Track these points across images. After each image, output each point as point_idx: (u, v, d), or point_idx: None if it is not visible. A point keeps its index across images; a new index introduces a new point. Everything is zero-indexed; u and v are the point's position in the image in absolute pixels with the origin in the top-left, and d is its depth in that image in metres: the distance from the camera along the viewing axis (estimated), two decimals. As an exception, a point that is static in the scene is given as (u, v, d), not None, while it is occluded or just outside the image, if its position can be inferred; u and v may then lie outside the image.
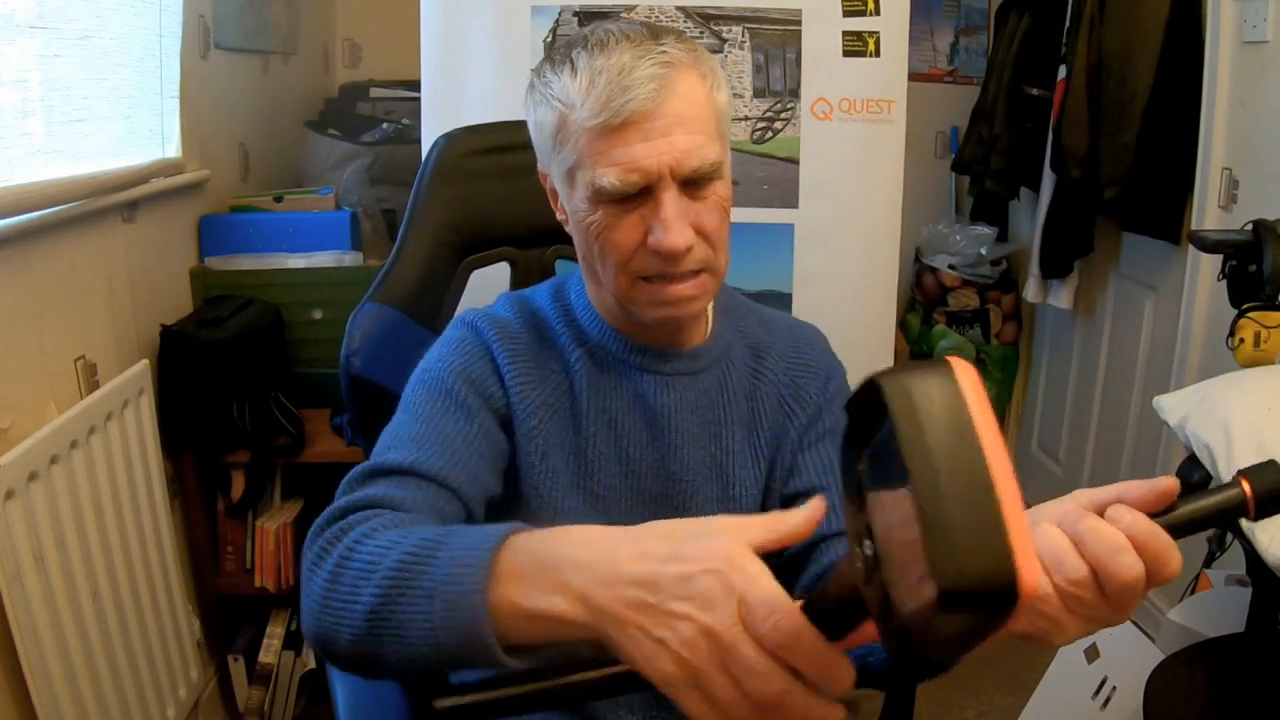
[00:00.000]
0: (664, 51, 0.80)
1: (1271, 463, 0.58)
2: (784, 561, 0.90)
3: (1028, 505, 0.47)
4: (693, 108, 0.81)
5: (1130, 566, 0.54)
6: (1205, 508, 0.57)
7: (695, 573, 0.51)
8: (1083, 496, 0.59)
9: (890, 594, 0.39)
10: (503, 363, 0.90)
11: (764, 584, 0.50)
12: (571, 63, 0.82)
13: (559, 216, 0.92)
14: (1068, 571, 0.55)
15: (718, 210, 0.84)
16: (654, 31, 0.83)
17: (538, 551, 0.57)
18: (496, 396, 0.89)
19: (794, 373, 0.98)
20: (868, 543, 0.42)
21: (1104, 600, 0.55)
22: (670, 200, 0.81)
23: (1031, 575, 0.36)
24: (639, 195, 0.81)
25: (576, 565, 0.55)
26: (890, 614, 0.39)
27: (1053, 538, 0.56)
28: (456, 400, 0.86)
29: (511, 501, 0.90)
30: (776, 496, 0.96)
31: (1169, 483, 0.58)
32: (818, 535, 0.86)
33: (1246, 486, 0.57)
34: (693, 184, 0.82)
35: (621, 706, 0.91)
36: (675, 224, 0.80)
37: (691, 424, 0.93)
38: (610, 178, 0.80)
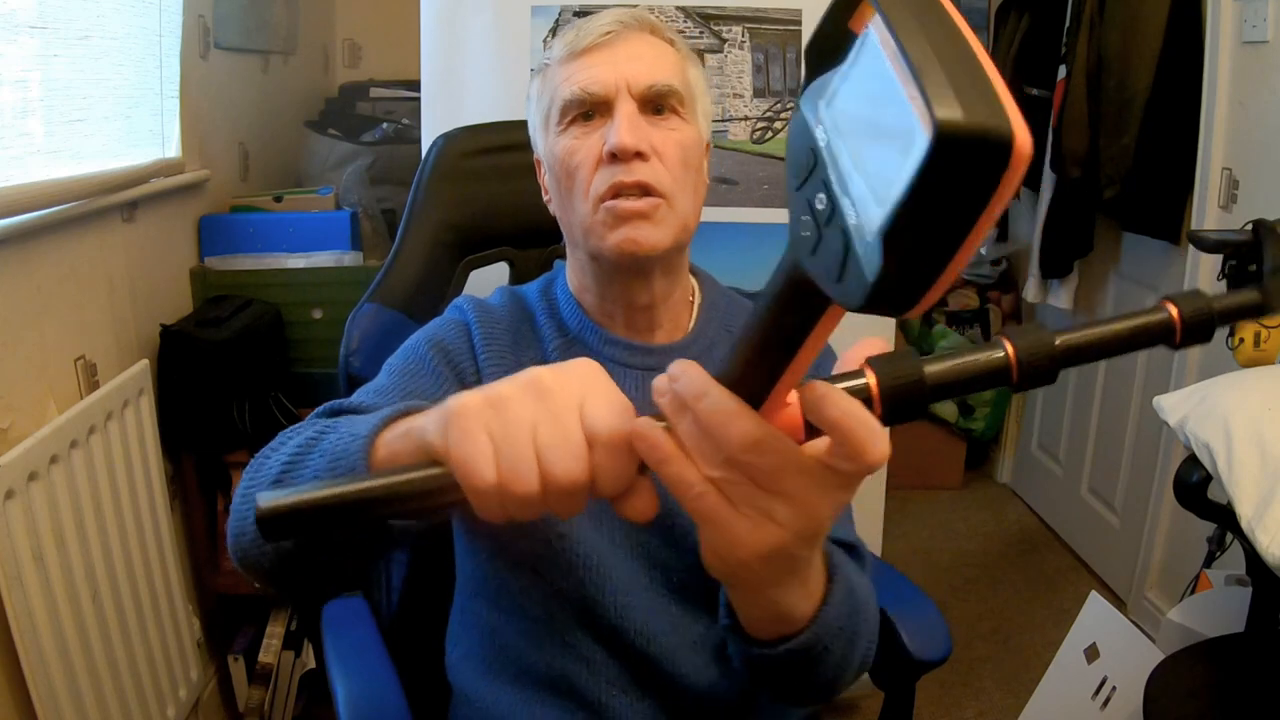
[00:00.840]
0: (638, 11, 0.89)
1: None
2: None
3: (1029, 508, 0.44)
4: (659, 54, 0.88)
5: (747, 431, 0.45)
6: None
7: (543, 369, 0.50)
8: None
9: (868, 204, 0.34)
10: (478, 341, 0.92)
11: (607, 384, 0.50)
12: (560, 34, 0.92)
13: (545, 198, 0.95)
14: (705, 453, 0.46)
15: (678, 146, 0.87)
16: (638, 14, 0.91)
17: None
18: (467, 371, 0.91)
19: None
20: (820, 197, 0.37)
21: (751, 481, 0.46)
22: (625, 110, 0.85)
23: (1025, 131, 0.32)
24: (602, 112, 0.86)
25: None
26: (854, 252, 0.35)
27: (686, 418, 0.47)
28: (427, 365, 0.90)
29: None
30: None
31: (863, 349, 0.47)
32: None
33: (1010, 348, 0.45)
34: (654, 110, 0.87)
35: (614, 686, 0.91)
36: (627, 127, 0.84)
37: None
38: (571, 87, 0.86)
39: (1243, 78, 1.97)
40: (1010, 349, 0.45)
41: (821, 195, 0.37)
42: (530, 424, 0.47)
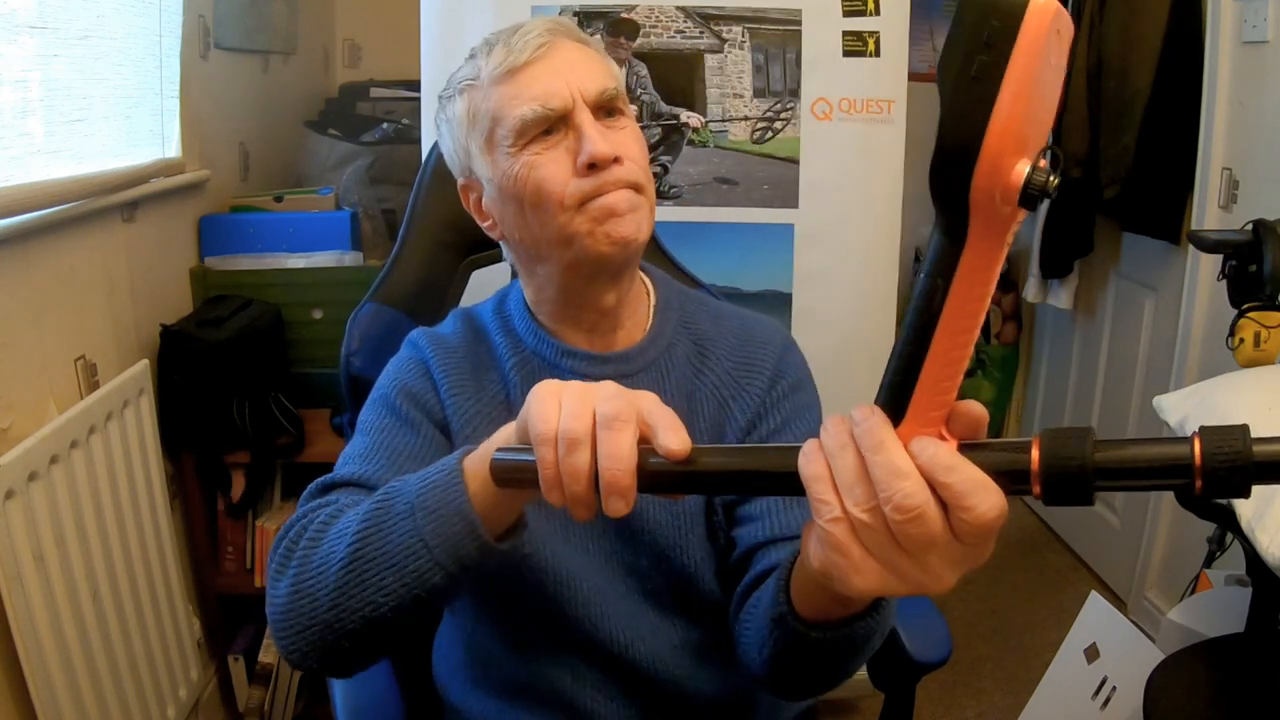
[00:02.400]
0: (565, 22, 0.89)
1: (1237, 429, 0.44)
2: (728, 569, 0.91)
3: (1029, 507, 0.47)
4: (586, 53, 0.88)
5: (907, 494, 0.46)
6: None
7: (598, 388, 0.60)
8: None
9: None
10: (438, 377, 0.93)
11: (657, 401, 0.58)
12: (472, 53, 0.90)
13: (486, 225, 0.93)
14: (857, 497, 0.48)
15: (635, 142, 0.87)
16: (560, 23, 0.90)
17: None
18: (435, 409, 0.92)
19: (737, 372, 0.95)
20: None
21: (891, 536, 0.47)
22: (589, 119, 0.84)
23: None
24: (559, 127, 0.85)
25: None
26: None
27: (846, 457, 0.49)
28: (400, 415, 0.90)
29: None
30: (718, 501, 0.93)
31: (970, 407, 0.49)
32: (755, 541, 0.87)
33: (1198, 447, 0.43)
34: (605, 112, 0.86)
35: (600, 692, 0.91)
36: (599, 136, 0.84)
37: None
38: (528, 107, 0.83)
39: (1243, 78, 1.97)
40: (1198, 449, 0.43)
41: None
42: (583, 418, 0.58)
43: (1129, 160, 2.27)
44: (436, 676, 1.02)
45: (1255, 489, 0.43)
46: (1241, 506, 1.10)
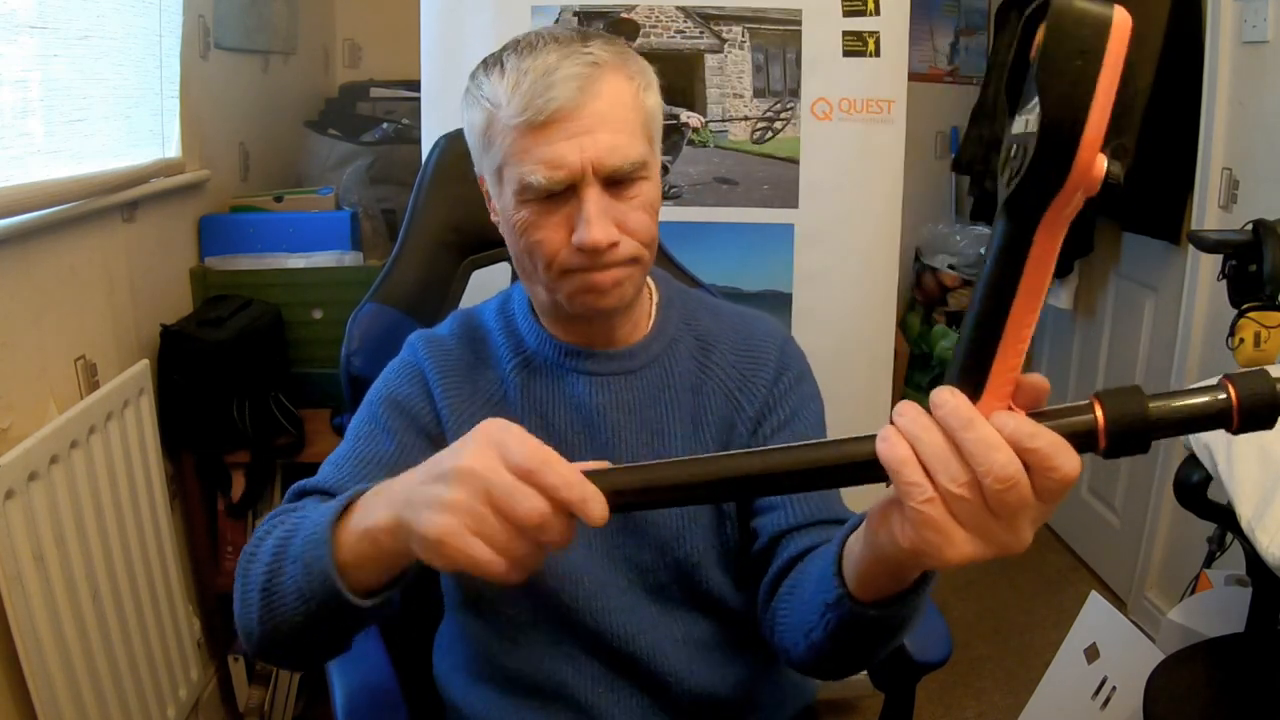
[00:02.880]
0: (589, 53, 0.82)
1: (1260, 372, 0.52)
2: (750, 558, 0.92)
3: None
4: (616, 108, 0.83)
5: (1004, 464, 0.49)
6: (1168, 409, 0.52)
7: (461, 448, 0.60)
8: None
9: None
10: (433, 380, 0.93)
11: (516, 431, 0.59)
12: (501, 64, 0.84)
13: (493, 218, 0.92)
14: (952, 473, 0.50)
15: (644, 211, 0.85)
16: (583, 36, 0.85)
17: (370, 495, 0.67)
18: (424, 415, 0.92)
19: (741, 365, 0.96)
20: (1014, 148, 0.50)
21: (987, 506, 0.50)
22: (593, 197, 0.82)
23: (1124, 13, 0.45)
24: (564, 193, 0.82)
25: (389, 488, 0.65)
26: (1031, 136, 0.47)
27: (933, 437, 0.51)
28: (379, 423, 0.91)
29: None
30: None
31: (1034, 380, 0.53)
32: (779, 529, 0.88)
33: (1232, 391, 0.51)
34: (616, 184, 0.83)
35: (601, 685, 0.91)
36: (597, 221, 0.81)
37: (629, 423, 0.93)
38: (537, 174, 0.81)
39: (1243, 78, 1.97)
40: (1233, 392, 0.51)
41: (1015, 148, 0.50)
42: (476, 496, 0.57)
43: (1129, 160, 2.27)
44: (437, 674, 1.02)
45: (1254, 489, 0.51)
46: (1241, 506, 1.10)
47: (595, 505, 0.56)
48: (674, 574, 0.92)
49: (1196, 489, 1.34)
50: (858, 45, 1.73)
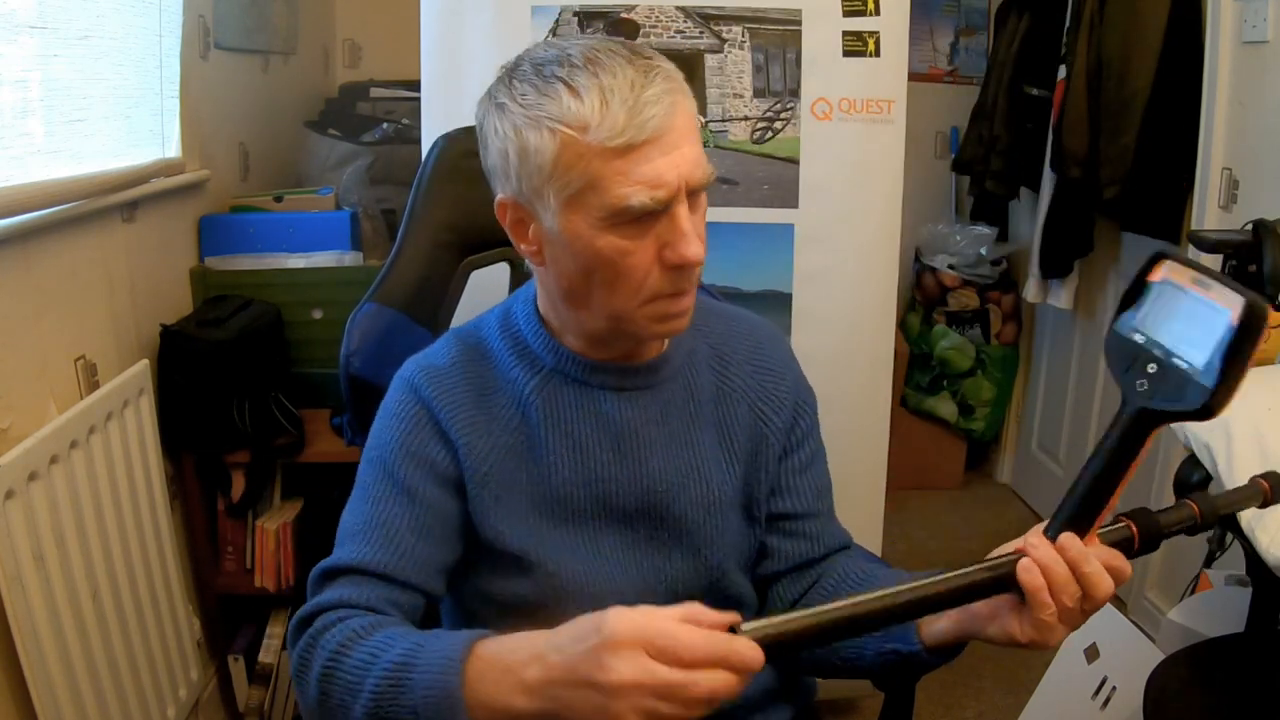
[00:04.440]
0: (660, 66, 0.81)
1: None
2: (773, 573, 0.97)
3: (1029, 508, 0.60)
4: (690, 121, 0.82)
5: (1109, 587, 0.71)
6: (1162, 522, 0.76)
7: (601, 656, 0.62)
8: (1040, 526, 0.75)
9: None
10: (445, 420, 0.89)
11: (652, 622, 0.63)
12: (567, 84, 0.78)
13: (526, 249, 0.87)
14: (1072, 593, 0.70)
15: (704, 221, 0.85)
16: (633, 47, 0.82)
17: (492, 659, 0.69)
18: (442, 461, 0.89)
19: (759, 375, 0.98)
20: (1149, 367, 0.67)
21: (1083, 610, 0.72)
22: (684, 214, 0.80)
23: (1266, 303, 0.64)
24: (654, 214, 0.80)
25: (516, 664, 0.67)
26: (1192, 380, 0.65)
27: (1062, 569, 0.71)
28: (398, 483, 0.87)
29: (476, 550, 0.90)
30: (760, 506, 0.97)
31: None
32: (809, 557, 0.97)
33: (1267, 487, 0.77)
34: (692, 195, 0.82)
35: None
36: (693, 236, 0.80)
37: (658, 435, 0.93)
38: (640, 197, 0.77)
39: (1243, 78, 1.97)
40: (1195, 509, 0.77)
41: (1151, 365, 0.68)
42: (644, 696, 0.62)
43: (1129, 160, 2.27)
44: None
45: None
46: (1241, 506, 1.10)
47: (754, 660, 0.63)
48: (703, 582, 0.93)
49: (1196, 489, 1.34)
50: (858, 45, 1.73)
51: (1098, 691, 1.62)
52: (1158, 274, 0.69)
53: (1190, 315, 0.66)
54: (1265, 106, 1.90)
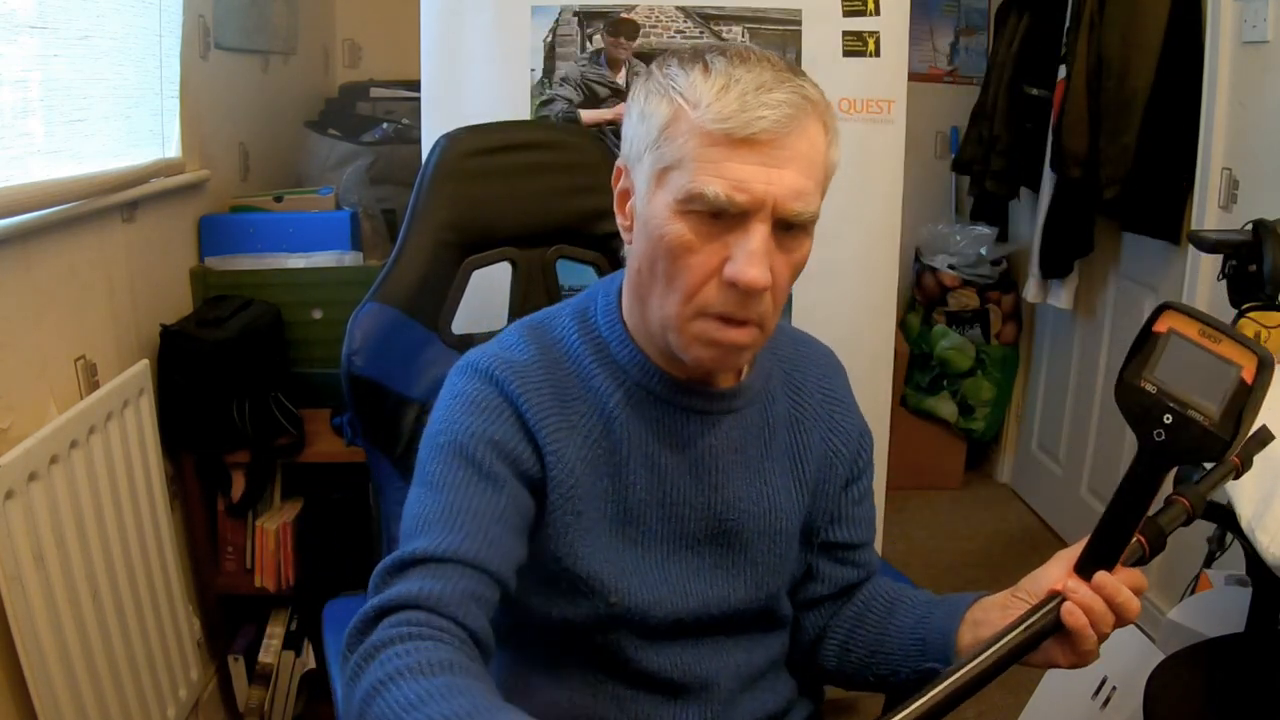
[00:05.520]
0: (803, 86, 0.78)
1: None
2: (820, 596, 0.99)
3: (1029, 508, 0.63)
4: (813, 152, 0.78)
5: (1138, 607, 0.78)
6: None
7: None
8: (1064, 555, 0.81)
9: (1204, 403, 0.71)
10: (532, 420, 0.83)
11: None
12: (705, 64, 0.77)
13: (621, 222, 0.85)
14: (1109, 622, 0.77)
15: (794, 269, 0.81)
16: (792, 67, 0.80)
17: None
18: (526, 459, 0.83)
19: (830, 406, 0.97)
20: (1165, 418, 0.71)
21: (1110, 631, 0.78)
22: (761, 234, 0.76)
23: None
24: (730, 219, 0.76)
25: None
26: (1209, 432, 0.70)
27: (1099, 605, 0.77)
28: (482, 470, 0.81)
29: (541, 558, 0.85)
30: (817, 533, 0.97)
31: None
32: (851, 581, 1.00)
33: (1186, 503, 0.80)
34: (785, 228, 0.78)
35: (643, 711, 0.91)
36: (760, 259, 0.75)
37: (736, 462, 0.90)
38: (716, 188, 0.74)
39: (1243, 78, 1.97)
40: (1186, 503, 0.81)
41: (1167, 416, 0.72)
42: None
43: (1129, 160, 2.27)
44: None
45: (1254, 489, 0.72)
46: (1241, 506, 1.10)
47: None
48: (757, 607, 0.93)
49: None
50: (858, 45, 1.73)
51: (1098, 691, 1.62)
52: (1164, 325, 0.73)
53: (1201, 369, 0.70)
54: (1265, 106, 1.90)
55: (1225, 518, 1.17)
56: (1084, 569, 0.78)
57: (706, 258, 0.77)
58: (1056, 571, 0.81)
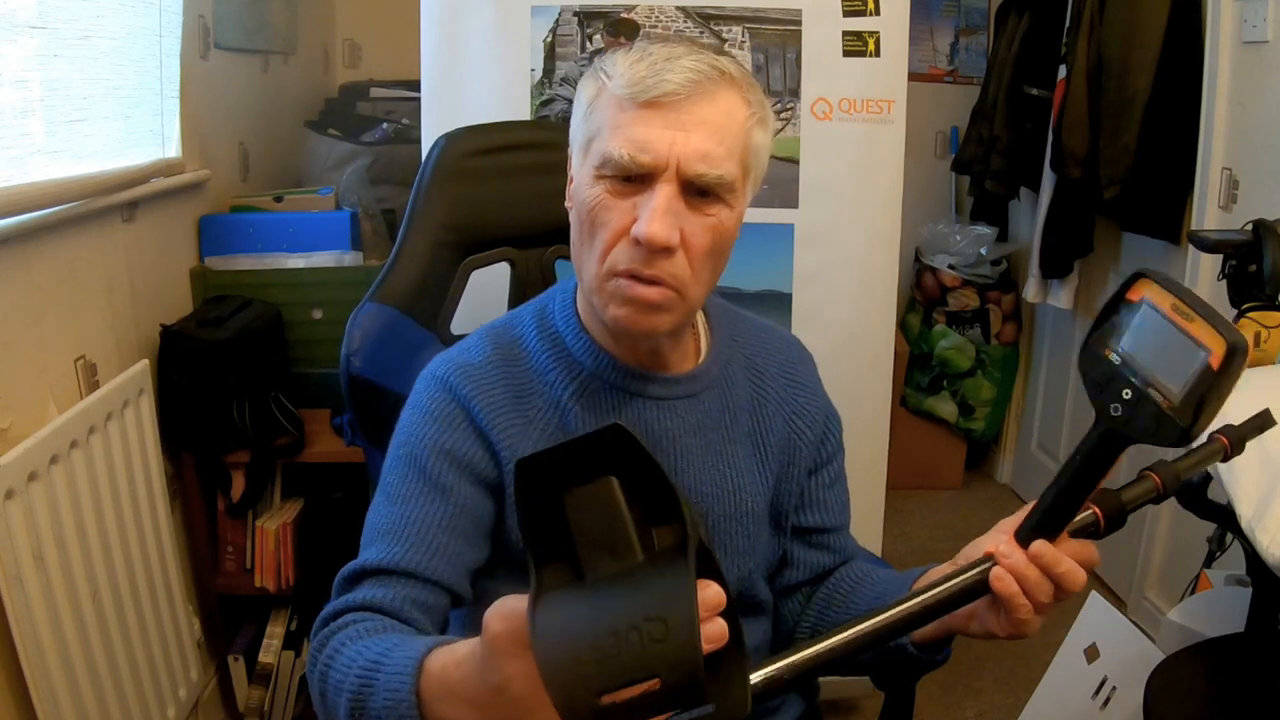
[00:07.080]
0: (719, 60, 0.80)
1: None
2: (795, 582, 0.99)
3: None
4: (726, 120, 0.80)
5: (1082, 579, 0.74)
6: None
7: (485, 653, 0.58)
8: (1006, 524, 0.79)
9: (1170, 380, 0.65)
10: (484, 421, 0.86)
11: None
12: (632, 47, 0.83)
13: (566, 204, 0.88)
14: (1046, 591, 0.73)
15: (711, 234, 0.81)
16: (717, 48, 0.83)
17: (440, 685, 0.65)
18: (480, 462, 0.86)
19: (793, 390, 0.99)
20: (1125, 391, 0.66)
21: (1056, 602, 0.75)
22: (665, 194, 0.78)
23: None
24: (641, 180, 0.79)
25: (461, 689, 0.62)
26: (1165, 415, 0.65)
27: (1033, 573, 0.73)
28: (431, 480, 0.85)
29: (500, 554, 0.88)
30: (786, 516, 0.98)
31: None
32: (826, 566, 1.00)
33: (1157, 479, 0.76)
34: (696, 193, 0.80)
35: None
36: (662, 216, 0.77)
37: (695, 446, 0.92)
38: (622, 149, 0.78)
39: (1243, 78, 1.97)
40: (1157, 479, 0.77)
41: (1127, 390, 0.67)
42: None
43: (1129, 160, 2.27)
44: None
45: (1254, 489, 0.65)
46: (1241, 506, 1.10)
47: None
48: (736, 591, 0.93)
49: (1196, 489, 1.34)
50: (858, 45, 1.73)
51: (1098, 691, 1.62)
52: (1137, 294, 0.68)
53: (1169, 346, 0.65)
54: (1265, 106, 1.90)
55: (1225, 518, 1.17)
56: (1024, 537, 0.75)
57: (619, 217, 0.80)
58: (994, 540, 0.78)
